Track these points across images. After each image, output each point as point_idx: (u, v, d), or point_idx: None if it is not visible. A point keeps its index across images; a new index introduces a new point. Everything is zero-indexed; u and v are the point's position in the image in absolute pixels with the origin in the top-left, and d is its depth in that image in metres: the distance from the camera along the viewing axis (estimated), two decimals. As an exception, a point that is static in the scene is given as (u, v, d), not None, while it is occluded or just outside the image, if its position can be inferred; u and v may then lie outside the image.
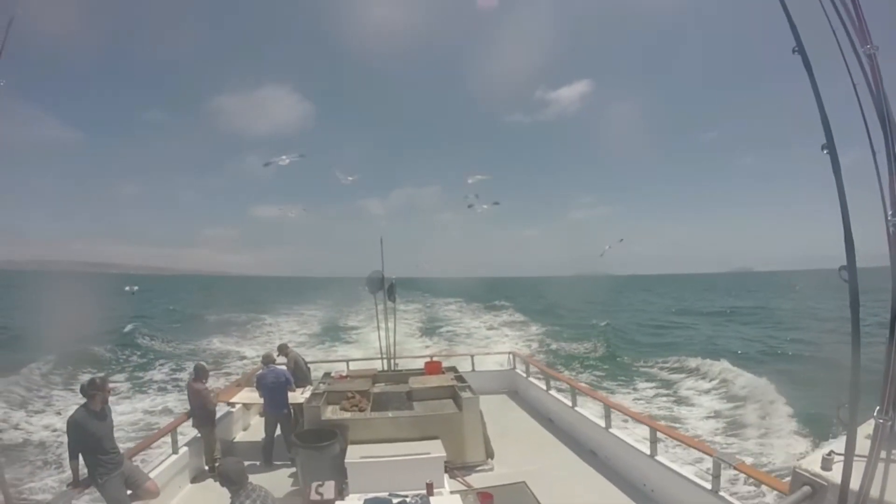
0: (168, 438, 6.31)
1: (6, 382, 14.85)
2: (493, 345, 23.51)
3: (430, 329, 29.28)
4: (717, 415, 13.39)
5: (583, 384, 10.05)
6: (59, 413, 13.00)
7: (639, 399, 15.43)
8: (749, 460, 8.61)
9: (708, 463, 4.89)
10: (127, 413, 13.27)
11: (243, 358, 20.75)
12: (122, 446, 5.16)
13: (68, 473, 5.17)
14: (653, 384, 17.01)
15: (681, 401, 15.06)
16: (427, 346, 24.05)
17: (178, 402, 14.19)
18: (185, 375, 16.68)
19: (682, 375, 17.68)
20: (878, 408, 1.85)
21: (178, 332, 28.32)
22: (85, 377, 7.67)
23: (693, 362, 18.69)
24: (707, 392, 15.62)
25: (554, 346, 24.25)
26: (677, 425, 12.24)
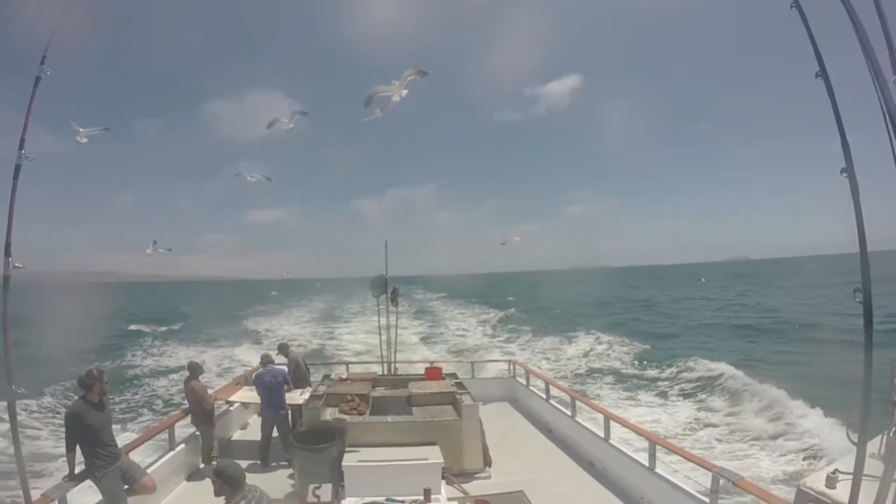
0: (165, 435, 6.30)
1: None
2: (471, 337, 27.06)
3: (421, 320, 33.36)
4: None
5: (582, 395, 9.95)
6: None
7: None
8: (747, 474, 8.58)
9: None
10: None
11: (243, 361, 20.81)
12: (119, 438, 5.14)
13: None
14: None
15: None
16: (415, 331, 27.31)
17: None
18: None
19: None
20: (894, 428, 1.79)
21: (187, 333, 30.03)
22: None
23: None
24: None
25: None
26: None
